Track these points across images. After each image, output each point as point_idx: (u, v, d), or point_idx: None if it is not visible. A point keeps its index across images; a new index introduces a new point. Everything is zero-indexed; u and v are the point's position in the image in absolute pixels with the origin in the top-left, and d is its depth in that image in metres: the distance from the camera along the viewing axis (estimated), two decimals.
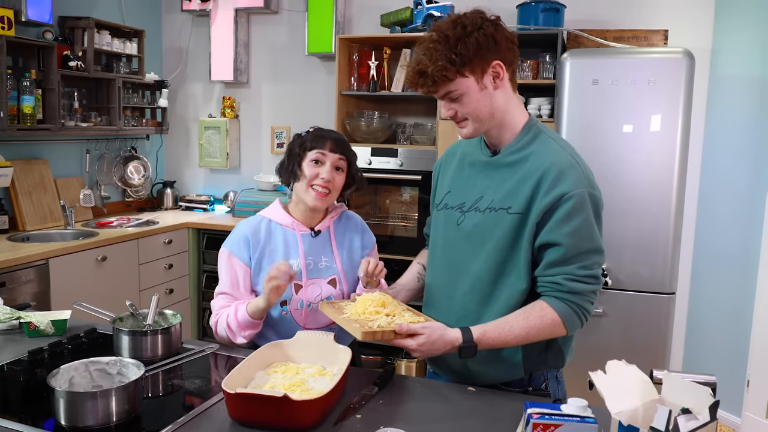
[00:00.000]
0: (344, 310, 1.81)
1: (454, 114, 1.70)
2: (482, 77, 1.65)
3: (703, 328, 4.04)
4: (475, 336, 1.64)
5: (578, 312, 1.66)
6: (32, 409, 1.61)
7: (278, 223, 2.07)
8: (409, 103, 4.59)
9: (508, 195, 1.70)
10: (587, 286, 1.66)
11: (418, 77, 1.65)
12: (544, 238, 1.65)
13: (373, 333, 1.63)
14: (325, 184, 1.97)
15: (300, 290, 1.99)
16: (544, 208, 1.64)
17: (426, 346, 1.63)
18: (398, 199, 4.28)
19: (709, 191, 3.99)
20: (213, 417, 1.55)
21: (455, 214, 1.81)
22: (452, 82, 1.63)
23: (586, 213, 1.64)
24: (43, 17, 4.04)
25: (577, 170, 1.67)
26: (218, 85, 5.29)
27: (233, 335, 1.98)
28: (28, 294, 3.42)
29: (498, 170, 1.74)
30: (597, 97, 3.42)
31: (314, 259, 2.03)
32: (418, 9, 4.11)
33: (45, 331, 2.07)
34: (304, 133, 2.06)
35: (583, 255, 1.64)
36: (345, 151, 2.03)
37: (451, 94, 1.66)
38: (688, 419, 1.08)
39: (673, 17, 4.00)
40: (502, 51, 1.66)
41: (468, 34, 1.61)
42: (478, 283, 1.74)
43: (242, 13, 5.00)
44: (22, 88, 3.79)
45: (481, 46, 1.62)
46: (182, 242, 4.66)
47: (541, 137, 1.73)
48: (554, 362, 1.80)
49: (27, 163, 4.21)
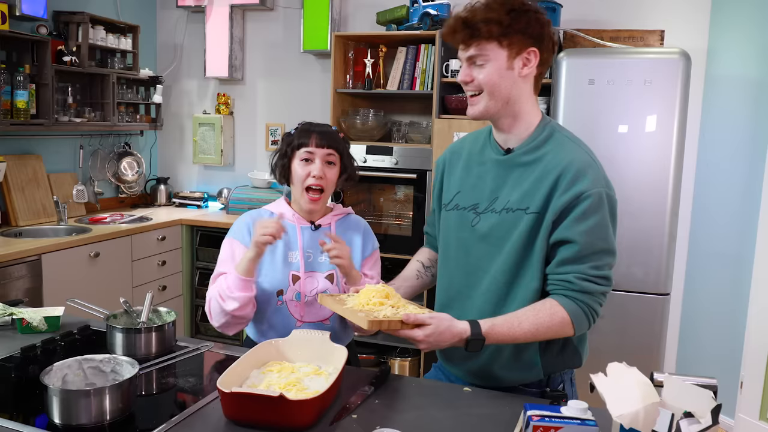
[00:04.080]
0: (346, 301, 1.78)
1: (470, 80, 1.68)
2: (515, 57, 1.65)
3: (697, 330, 4.04)
4: (483, 329, 1.62)
5: (587, 312, 1.65)
6: (24, 407, 1.59)
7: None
8: (404, 101, 4.58)
9: (525, 195, 1.68)
10: (598, 287, 1.65)
11: (461, 24, 1.64)
12: (559, 235, 1.64)
13: (379, 322, 1.60)
14: (317, 182, 1.94)
15: (297, 281, 1.97)
16: (562, 206, 1.63)
17: (433, 337, 1.60)
18: (393, 198, 4.27)
19: (704, 192, 4.00)
20: (207, 416, 1.54)
21: (469, 215, 1.80)
22: (488, 44, 1.63)
23: (602, 213, 1.64)
24: (37, 12, 4.01)
25: (595, 169, 1.67)
26: (213, 81, 5.27)
27: (223, 301, 1.87)
28: (21, 290, 3.39)
29: (512, 170, 1.73)
30: (593, 97, 3.42)
31: (313, 252, 2.00)
32: (415, 7, 4.10)
33: (38, 327, 2.06)
34: (292, 131, 2.03)
35: (596, 255, 1.64)
36: (333, 142, 1.98)
37: (479, 57, 1.65)
38: (691, 423, 1.07)
39: (669, 17, 4.01)
40: (542, 45, 1.67)
41: (524, 11, 1.63)
42: (495, 284, 1.73)
43: (237, 9, 4.98)
44: (15, 83, 3.77)
45: (530, 27, 1.63)
46: (176, 239, 4.64)
47: (556, 136, 1.73)
48: (571, 362, 1.80)
49: (20, 158, 4.17)
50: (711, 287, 3.95)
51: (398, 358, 4.21)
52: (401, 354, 4.25)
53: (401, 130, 4.41)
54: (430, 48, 4.10)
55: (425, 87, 4.13)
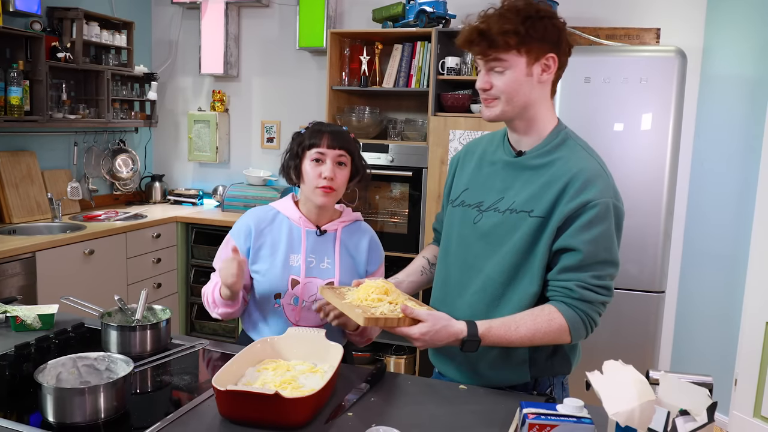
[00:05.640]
0: (346, 295, 1.78)
1: (489, 87, 1.67)
2: (534, 63, 1.64)
3: (692, 327, 4.05)
4: (480, 331, 1.61)
5: (585, 321, 1.64)
6: (18, 405, 1.58)
7: (286, 216, 2.03)
8: (400, 98, 4.58)
9: (531, 198, 1.67)
10: (598, 296, 1.64)
11: (477, 35, 1.63)
12: (563, 242, 1.63)
13: (376, 319, 1.60)
14: (328, 183, 1.93)
15: (296, 286, 1.96)
16: (568, 214, 1.62)
17: (429, 335, 1.60)
18: (388, 195, 4.27)
19: (699, 189, 4.01)
20: (202, 414, 1.53)
21: (472, 212, 1.79)
22: (507, 52, 1.62)
23: (608, 223, 1.63)
24: (31, 8, 3.99)
25: (605, 179, 1.66)
26: (208, 78, 5.25)
27: (210, 309, 2.03)
28: (15, 287, 3.38)
29: (521, 172, 1.72)
30: (589, 95, 3.42)
31: (316, 258, 1.99)
32: (411, 4, 4.09)
33: (32, 325, 2.05)
34: (302, 131, 2.02)
35: (598, 264, 1.63)
36: (345, 144, 1.97)
37: (498, 66, 1.64)
38: (686, 420, 1.07)
39: (665, 16, 4.01)
40: (560, 49, 1.67)
41: (540, 18, 1.62)
42: (490, 284, 1.72)
43: (233, 6, 4.97)
44: (9, 79, 3.75)
45: (547, 33, 1.63)
46: (170, 236, 4.63)
47: (569, 143, 1.72)
48: (560, 368, 1.78)
49: (14, 155, 4.16)
50: (706, 285, 3.96)
51: (393, 356, 4.21)
52: (396, 352, 4.25)
53: (397, 128, 4.41)
54: (426, 45, 4.09)
55: (421, 84, 4.13)
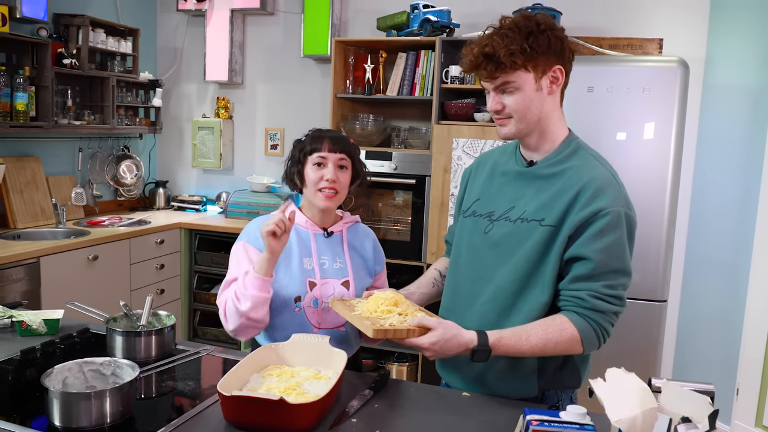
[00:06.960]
0: (355, 307, 1.79)
1: (501, 108, 1.68)
2: (541, 77, 1.65)
3: (694, 335, 4.05)
4: (490, 341, 1.61)
5: (598, 331, 1.63)
6: (24, 409, 1.60)
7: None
8: (404, 106, 4.59)
9: (542, 207, 1.67)
10: (610, 306, 1.63)
11: (483, 59, 1.63)
12: (575, 251, 1.63)
13: (385, 331, 1.61)
14: (331, 185, 1.94)
15: (314, 288, 1.95)
16: (579, 222, 1.62)
17: (439, 345, 1.60)
18: (391, 203, 4.28)
19: (701, 199, 4.01)
20: (207, 419, 1.54)
21: (483, 222, 1.79)
22: (515, 72, 1.62)
23: (620, 232, 1.63)
24: (37, 14, 4.02)
25: (616, 188, 1.67)
26: (212, 85, 5.27)
27: (239, 301, 1.81)
28: (19, 292, 3.39)
29: (532, 181, 1.73)
30: (592, 104, 3.44)
31: (328, 259, 1.99)
32: (415, 13, 4.11)
33: (37, 330, 2.06)
34: (303, 138, 2.04)
35: (611, 274, 1.62)
36: (345, 147, 1.98)
37: (508, 86, 1.65)
38: (688, 428, 1.08)
39: (668, 26, 4.03)
40: (565, 58, 1.68)
41: (541, 31, 1.62)
42: (501, 294, 1.72)
43: (238, 13, 4.99)
44: (15, 85, 3.77)
45: (551, 46, 1.63)
46: (174, 242, 4.64)
47: (580, 152, 1.72)
48: (570, 381, 1.77)
49: (19, 160, 4.18)
50: (708, 294, 3.96)
51: (396, 363, 4.21)
52: (399, 359, 4.26)
53: (400, 136, 4.42)
54: (430, 54, 4.11)
55: (425, 93, 4.14)
